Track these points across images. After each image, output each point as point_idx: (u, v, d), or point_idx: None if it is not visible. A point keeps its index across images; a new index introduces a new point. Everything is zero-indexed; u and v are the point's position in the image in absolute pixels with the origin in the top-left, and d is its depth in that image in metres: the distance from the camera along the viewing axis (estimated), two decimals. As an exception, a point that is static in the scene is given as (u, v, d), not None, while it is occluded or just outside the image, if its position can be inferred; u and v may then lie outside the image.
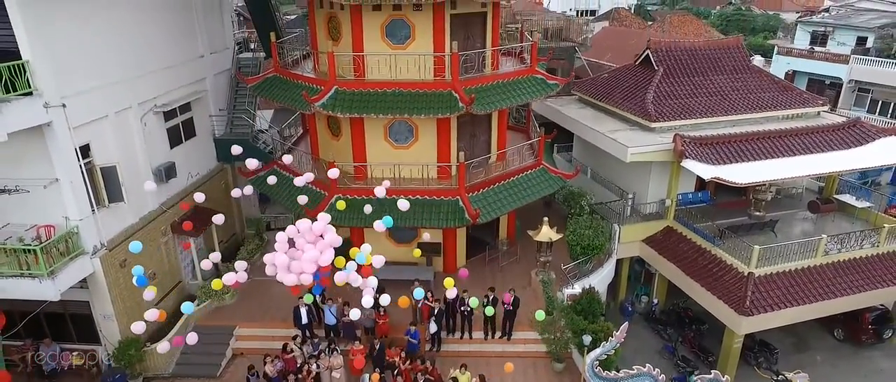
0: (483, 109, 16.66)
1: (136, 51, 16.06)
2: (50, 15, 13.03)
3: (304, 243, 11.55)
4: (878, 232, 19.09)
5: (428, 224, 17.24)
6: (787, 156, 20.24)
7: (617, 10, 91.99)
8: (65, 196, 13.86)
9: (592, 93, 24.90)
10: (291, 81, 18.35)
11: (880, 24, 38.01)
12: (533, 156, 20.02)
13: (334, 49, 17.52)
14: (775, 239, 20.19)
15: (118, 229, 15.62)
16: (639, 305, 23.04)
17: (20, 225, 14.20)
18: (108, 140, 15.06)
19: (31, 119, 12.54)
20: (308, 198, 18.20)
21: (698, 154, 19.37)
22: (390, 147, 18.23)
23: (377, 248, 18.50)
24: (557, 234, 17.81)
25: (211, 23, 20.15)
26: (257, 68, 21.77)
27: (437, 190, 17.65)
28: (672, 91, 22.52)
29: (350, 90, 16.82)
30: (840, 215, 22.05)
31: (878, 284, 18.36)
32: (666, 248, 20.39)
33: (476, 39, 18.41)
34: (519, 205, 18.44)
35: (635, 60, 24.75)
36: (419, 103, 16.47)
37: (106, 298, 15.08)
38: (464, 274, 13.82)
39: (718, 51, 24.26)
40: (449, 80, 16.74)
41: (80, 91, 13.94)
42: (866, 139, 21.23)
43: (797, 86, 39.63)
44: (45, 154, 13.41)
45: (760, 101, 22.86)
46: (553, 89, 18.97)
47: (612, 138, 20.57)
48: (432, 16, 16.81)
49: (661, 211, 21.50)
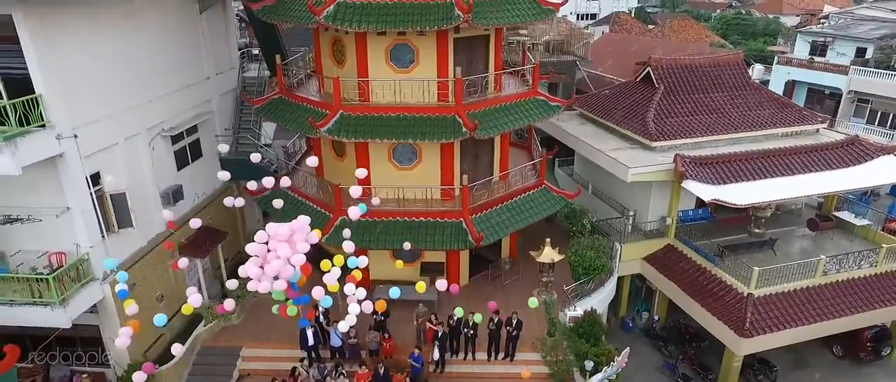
0: (486, 134, 16.89)
1: (145, 77, 16.31)
2: (62, 48, 13.26)
3: (277, 244, 11.34)
4: (877, 252, 19.31)
5: (432, 246, 17.49)
6: (787, 175, 20.49)
7: (617, 15, 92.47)
8: (76, 223, 14.11)
9: (593, 109, 25.13)
10: (296, 104, 18.58)
11: (879, 35, 38.23)
12: (535, 176, 20.25)
13: (339, 72, 17.80)
14: (775, 258, 20.45)
15: (127, 253, 15.87)
16: (639, 321, 23.29)
17: (32, 251, 14.46)
18: (117, 166, 15.29)
19: (44, 151, 12.79)
20: (313, 219, 18.56)
21: (699, 174, 19.60)
22: (394, 168, 18.46)
23: (381, 267, 19.00)
24: (559, 255, 18.05)
25: (217, 44, 20.40)
26: (262, 87, 22.03)
27: (441, 212, 17.88)
28: (673, 109, 22.74)
29: (355, 114, 17.05)
30: (839, 232, 22.29)
31: (877, 304, 18.61)
32: (666, 267, 20.64)
33: (479, 62, 18.63)
34: (522, 227, 18.68)
35: (636, 76, 24.97)
36: (423, 128, 16.69)
37: (115, 322, 15.30)
38: (455, 289, 14.10)
39: (718, 67, 24.49)
40: (452, 105, 16.97)
41: (91, 120, 14.19)
42: (865, 157, 21.47)
43: (797, 95, 40.13)
44: (57, 183, 13.66)
45: (760, 119, 23.09)
46: (555, 112, 19.19)
47: (613, 158, 20.81)
48: (436, 40, 17.03)
49: (661, 229, 21.74)
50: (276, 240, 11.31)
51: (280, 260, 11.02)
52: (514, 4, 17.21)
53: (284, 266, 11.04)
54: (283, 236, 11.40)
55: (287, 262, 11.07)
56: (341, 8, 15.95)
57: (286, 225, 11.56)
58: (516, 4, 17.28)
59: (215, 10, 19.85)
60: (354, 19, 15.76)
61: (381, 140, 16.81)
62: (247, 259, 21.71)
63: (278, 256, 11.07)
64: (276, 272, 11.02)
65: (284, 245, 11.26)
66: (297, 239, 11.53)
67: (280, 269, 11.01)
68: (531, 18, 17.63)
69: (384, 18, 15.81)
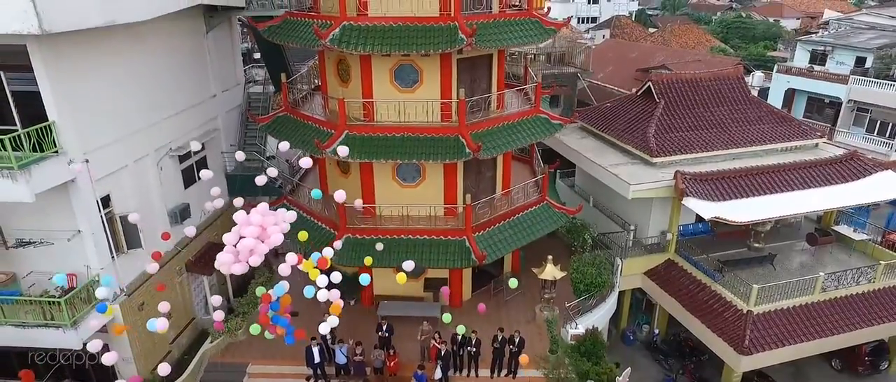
0: (489, 154, 17.14)
1: (153, 99, 16.55)
2: (74, 74, 13.49)
3: (248, 226, 11.46)
4: (874, 268, 19.54)
5: (435, 264, 17.72)
6: (786, 190, 20.74)
7: (617, 18, 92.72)
8: (86, 246, 14.34)
9: (594, 122, 25.38)
10: (302, 122, 18.83)
11: (879, 45, 38.44)
12: (537, 192, 20.49)
13: (343, 91, 18.04)
14: (775, 273, 20.71)
15: (136, 273, 16.12)
16: (640, 334, 23.54)
17: (43, 272, 14.68)
18: (126, 188, 15.54)
19: (56, 178, 13.02)
20: (318, 237, 18.84)
21: (699, 191, 19.84)
22: (398, 186, 18.69)
23: (386, 283, 19.26)
24: (561, 272, 18.30)
25: (222, 61, 20.63)
26: (267, 103, 22.28)
27: (445, 230, 18.12)
28: (673, 124, 22.98)
29: (360, 134, 17.29)
30: (838, 246, 22.52)
31: (875, 320, 18.85)
32: (667, 282, 20.88)
33: (482, 80, 18.89)
34: (524, 243, 18.91)
35: (637, 90, 25.21)
36: (427, 149, 16.93)
37: (124, 341, 15.55)
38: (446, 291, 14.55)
39: (718, 82, 24.72)
40: (456, 125, 17.20)
41: (102, 144, 14.43)
42: (863, 173, 21.72)
43: (797, 103, 40.34)
44: (68, 207, 13.89)
45: (760, 134, 23.33)
46: (557, 130, 19.43)
47: (614, 174, 21.05)
48: (440, 60, 17.26)
49: (662, 243, 21.98)
50: (246, 226, 11.45)
51: (251, 240, 11.09)
52: (516, 26, 17.47)
53: (256, 244, 11.16)
54: (255, 222, 11.59)
55: (257, 240, 11.16)
56: (346, 31, 16.20)
57: (256, 211, 11.77)
58: (519, 26, 17.54)
59: (221, 28, 20.07)
60: (360, 42, 16.01)
61: (386, 161, 17.05)
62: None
63: (248, 236, 11.19)
64: (249, 250, 11.06)
65: (255, 227, 11.42)
66: (268, 224, 11.62)
67: (252, 247, 11.10)
68: (534, 40, 17.88)
69: (389, 42, 16.06)
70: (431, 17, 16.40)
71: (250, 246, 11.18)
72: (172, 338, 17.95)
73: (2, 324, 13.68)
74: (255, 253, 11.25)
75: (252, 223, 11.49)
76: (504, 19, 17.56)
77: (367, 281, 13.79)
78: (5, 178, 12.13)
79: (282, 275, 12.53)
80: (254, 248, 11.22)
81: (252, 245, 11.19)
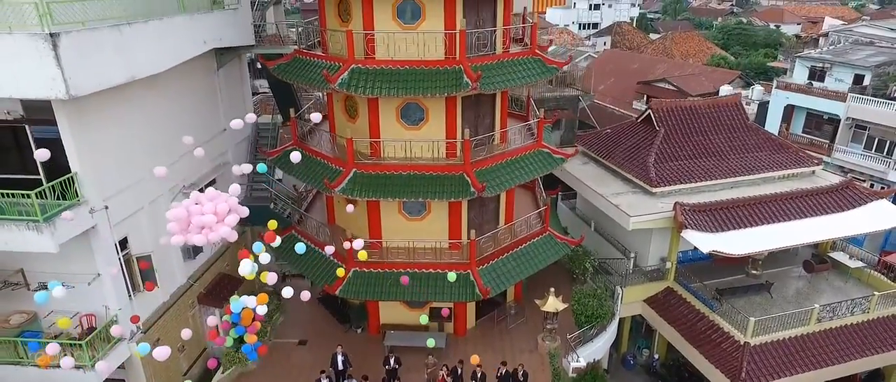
0: (493, 192, 17.65)
1: (168, 140, 17.00)
2: (95, 125, 14.02)
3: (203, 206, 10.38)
4: (869, 299, 20.03)
5: (440, 298, 18.23)
6: (783, 220, 21.19)
7: (618, 25, 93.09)
8: (105, 287, 14.87)
9: (595, 148, 25.86)
10: (311, 158, 19.33)
11: (877, 62, 38.87)
12: (540, 223, 20.98)
13: (351, 126, 18.56)
14: (772, 301, 21.21)
15: (151, 309, 16.67)
16: (640, 357, 24.03)
17: (63, 312, 15.18)
18: (143, 230, 16.07)
19: (78, 226, 13.55)
20: (324, 269, 19.38)
21: (698, 223, 20.32)
22: (404, 219, 19.19)
23: (391, 312, 19.79)
24: (563, 304, 18.79)
25: (232, 94, 21.15)
26: (276, 133, 22.80)
27: (449, 264, 18.61)
28: (673, 152, 23.46)
29: (368, 172, 17.79)
30: (834, 273, 23.01)
31: (870, 351, 19.32)
32: (666, 310, 21.37)
33: (486, 117, 19.36)
34: (527, 275, 19.43)
35: (637, 118, 25.70)
36: (433, 187, 17.42)
37: (141, 377, 16.10)
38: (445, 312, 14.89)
39: (717, 109, 25.19)
40: (461, 163, 17.70)
41: (119, 190, 14.96)
42: (859, 202, 22.18)
43: (796, 119, 40.76)
44: (89, 252, 14.42)
45: (757, 162, 23.80)
46: (560, 164, 19.93)
47: (615, 204, 21.53)
48: (445, 100, 17.73)
49: (662, 270, 22.46)
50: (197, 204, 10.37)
51: (208, 216, 10.09)
52: (519, 67, 17.95)
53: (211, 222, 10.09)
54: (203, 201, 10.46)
55: (214, 216, 10.14)
56: (355, 74, 16.71)
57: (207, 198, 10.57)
58: (522, 66, 18.02)
59: (231, 63, 20.58)
60: (368, 86, 16.51)
61: (393, 199, 17.57)
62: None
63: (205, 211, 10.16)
64: (202, 225, 10.04)
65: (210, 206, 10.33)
66: (218, 202, 10.49)
67: (205, 224, 10.04)
68: (536, 79, 18.38)
69: (396, 85, 16.54)
70: (437, 61, 16.89)
71: (204, 222, 10.05)
72: (185, 370, 18.49)
73: (27, 366, 14.19)
74: (210, 230, 10.05)
75: (201, 202, 10.40)
76: (508, 60, 18.05)
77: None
78: (31, 230, 12.67)
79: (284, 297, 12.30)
80: (208, 226, 10.05)
81: (206, 221, 10.05)
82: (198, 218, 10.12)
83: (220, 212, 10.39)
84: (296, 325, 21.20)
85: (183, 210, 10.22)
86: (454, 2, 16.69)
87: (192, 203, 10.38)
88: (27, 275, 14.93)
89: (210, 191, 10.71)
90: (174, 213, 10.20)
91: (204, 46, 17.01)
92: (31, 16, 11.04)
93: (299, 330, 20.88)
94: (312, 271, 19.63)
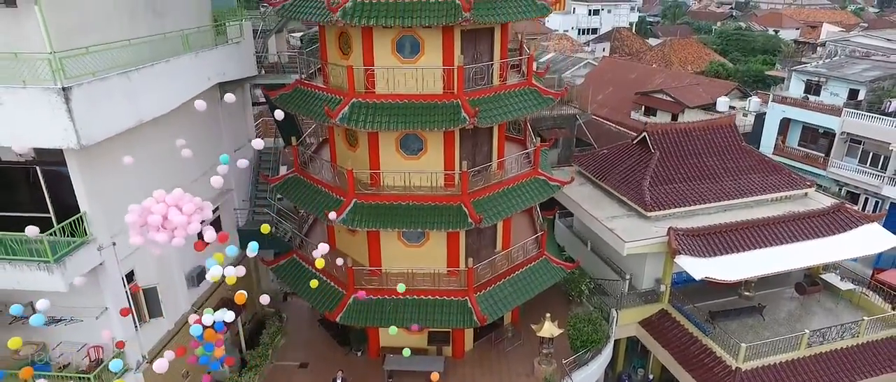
0: (491, 222, 18.07)
1: (173, 173, 17.32)
2: (104, 167, 14.41)
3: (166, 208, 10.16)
4: (858, 324, 20.45)
5: (438, 325, 18.67)
6: (776, 244, 21.63)
7: (618, 31, 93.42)
8: (112, 320, 15.27)
9: (592, 169, 26.28)
10: (312, 186, 19.75)
11: (871, 77, 39.26)
12: (537, 247, 21.39)
13: (352, 154, 19.01)
14: (764, 324, 21.64)
15: (156, 339, 17.08)
16: (635, 376, 24.46)
17: (71, 343, 15.65)
18: (148, 261, 16.47)
19: (88, 264, 13.96)
20: (325, 295, 19.81)
21: (691, 248, 20.75)
22: (403, 246, 19.61)
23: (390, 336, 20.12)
24: (559, 329, 19.22)
25: (235, 121, 21.54)
26: (277, 157, 23.22)
27: (447, 290, 19.05)
28: (668, 175, 23.89)
29: (367, 202, 18.20)
30: (826, 294, 23.44)
31: (860, 375, 19.75)
32: (660, 333, 21.81)
33: (484, 145, 19.75)
34: (524, 300, 19.85)
35: (633, 139, 26.11)
36: (432, 217, 17.83)
37: (147, 405, 16.51)
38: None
39: (711, 132, 25.62)
40: (458, 194, 18.12)
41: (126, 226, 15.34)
42: (850, 225, 22.60)
43: (792, 132, 41.19)
44: (97, 287, 14.83)
45: (751, 184, 24.22)
46: (556, 191, 20.35)
47: (610, 228, 21.96)
48: (443, 134, 18.12)
49: (657, 291, 22.89)
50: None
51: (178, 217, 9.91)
52: (516, 98, 18.32)
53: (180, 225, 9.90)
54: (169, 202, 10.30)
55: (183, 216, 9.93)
56: (355, 109, 17.09)
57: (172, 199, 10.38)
58: (519, 98, 18.37)
59: (234, 92, 20.94)
60: (368, 120, 16.87)
61: (392, 229, 18.00)
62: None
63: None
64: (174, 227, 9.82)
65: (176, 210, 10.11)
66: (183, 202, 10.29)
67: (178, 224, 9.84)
68: (533, 110, 18.77)
69: (396, 119, 16.89)
70: (436, 95, 17.30)
71: (178, 222, 9.90)
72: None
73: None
74: (175, 232, 9.89)
75: (164, 202, 10.25)
76: (505, 92, 18.47)
77: None
78: (42, 270, 13.10)
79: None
80: (175, 227, 9.88)
81: (178, 222, 9.90)
82: (153, 217, 9.94)
83: (187, 213, 10.18)
84: (297, 348, 21.64)
85: (140, 209, 10.04)
86: (452, 37, 17.11)
87: (154, 202, 10.19)
88: (36, 307, 15.30)
89: (176, 191, 10.56)
90: (131, 214, 9.96)
91: (208, 83, 17.42)
92: (45, 70, 11.45)
93: (300, 353, 21.31)
94: (313, 296, 20.03)
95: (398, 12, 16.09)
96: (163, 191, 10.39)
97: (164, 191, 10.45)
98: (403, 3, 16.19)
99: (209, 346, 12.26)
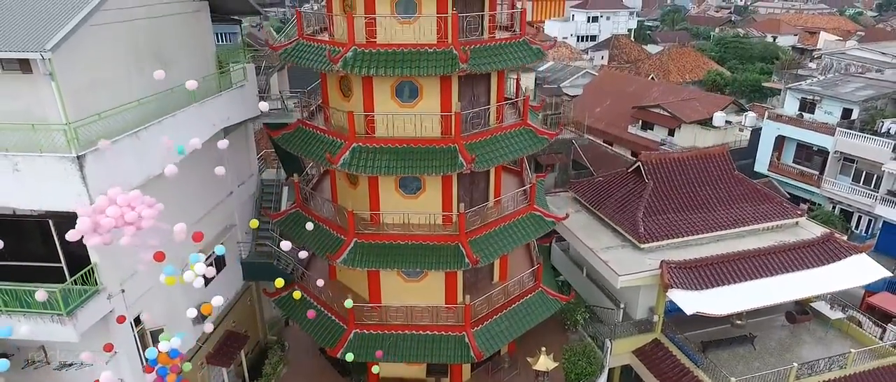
0: (487, 261, 18.60)
1: (179, 215, 17.89)
2: (111, 217, 14.95)
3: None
4: (845, 356, 20.99)
5: (437, 360, 19.20)
6: (766, 275, 22.13)
7: (616, 39, 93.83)
8: (121, 363, 15.82)
9: (587, 197, 26.78)
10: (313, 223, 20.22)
11: (865, 97, 39.78)
12: (533, 279, 21.92)
13: (352, 193, 19.55)
14: (755, 353, 22.17)
15: (164, 376, 17.58)
16: (630, 403, 25.00)
17: (81, 386, 16.18)
18: (155, 304, 17.00)
19: (98, 313, 14.51)
20: (326, 329, 20.34)
21: (683, 281, 21.26)
22: (402, 281, 20.14)
23: (390, 367, 20.71)
24: (554, 363, 19.74)
25: (238, 157, 22.05)
26: (279, 189, 23.74)
27: (445, 326, 19.57)
28: (661, 206, 24.39)
29: (368, 242, 18.71)
30: (816, 322, 23.97)
31: (846, 407, 20.33)
32: (653, 363, 22.33)
33: (480, 182, 20.31)
34: (520, 333, 20.38)
35: (628, 168, 26.62)
36: (431, 257, 18.34)
37: (155, 443, 17.02)
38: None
39: (705, 161, 26.10)
40: (456, 234, 18.64)
41: (134, 272, 15.88)
42: (839, 255, 23.12)
43: (786, 150, 41.73)
44: (106, 332, 15.36)
45: (743, 214, 24.72)
46: (552, 226, 20.87)
47: (604, 260, 22.47)
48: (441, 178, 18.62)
49: (650, 321, 23.41)
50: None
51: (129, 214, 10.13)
52: (512, 139, 18.83)
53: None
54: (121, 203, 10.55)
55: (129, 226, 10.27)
56: (356, 153, 17.61)
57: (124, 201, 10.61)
58: (514, 139, 18.88)
59: (237, 130, 21.49)
60: (368, 165, 17.41)
61: (392, 268, 18.54)
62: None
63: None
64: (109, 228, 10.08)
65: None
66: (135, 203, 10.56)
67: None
68: (528, 151, 19.29)
69: (394, 164, 17.43)
70: (434, 139, 17.83)
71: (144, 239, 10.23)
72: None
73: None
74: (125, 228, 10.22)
75: (116, 203, 10.58)
76: (501, 133, 18.97)
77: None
78: (55, 323, 13.63)
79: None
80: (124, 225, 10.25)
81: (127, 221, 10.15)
82: (106, 220, 10.28)
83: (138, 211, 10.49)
84: (299, 377, 22.17)
85: (92, 214, 10.28)
86: (450, 83, 17.65)
87: (106, 204, 10.45)
88: (48, 352, 15.88)
89: (134, 193, 11.10)
90: (81, 220, 10.20)
91: (213, 129, 17.93)
92: (60, 140, 11.97)
93: (302, 382, 21.86)
94: (315, 330, 20.56)
95: (397, 62, 16.61)
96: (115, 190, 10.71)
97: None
98: (403, 52, 16.72)
99: (163, 370, 12.86)
